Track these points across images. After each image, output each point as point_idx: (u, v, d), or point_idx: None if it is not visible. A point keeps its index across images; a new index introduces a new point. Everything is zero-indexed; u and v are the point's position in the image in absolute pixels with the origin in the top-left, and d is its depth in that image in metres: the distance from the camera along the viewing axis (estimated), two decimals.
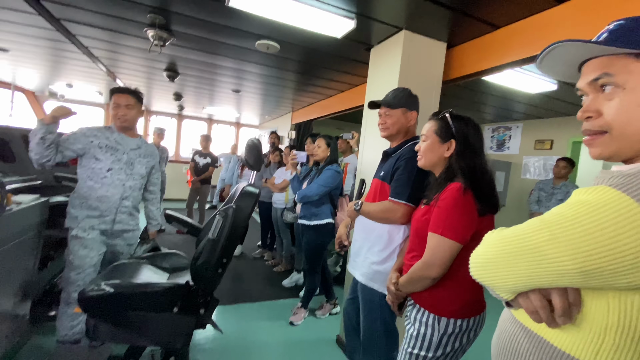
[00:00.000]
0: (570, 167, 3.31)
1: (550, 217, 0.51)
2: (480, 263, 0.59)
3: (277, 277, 3.45)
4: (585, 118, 0.55)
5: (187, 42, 2.58)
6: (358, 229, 1.55)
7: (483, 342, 1.23)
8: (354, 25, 1.89)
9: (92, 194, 1.73)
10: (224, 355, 2.03)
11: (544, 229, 0.50)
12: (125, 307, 1.30)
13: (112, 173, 1.76)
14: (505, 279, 0.54)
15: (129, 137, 1.87)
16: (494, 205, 1.04)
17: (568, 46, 0.54)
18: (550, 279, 0.49)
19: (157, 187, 2.07)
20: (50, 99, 5.88)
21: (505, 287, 0.55)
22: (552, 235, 0.48)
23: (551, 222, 0.50)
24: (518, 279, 0.53)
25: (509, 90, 2.97)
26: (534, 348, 0.55)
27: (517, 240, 0.53)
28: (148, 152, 1.94)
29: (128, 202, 1.83)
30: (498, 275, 0.55)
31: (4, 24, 2.53)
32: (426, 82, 2.00)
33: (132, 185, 1.83)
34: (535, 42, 1.64)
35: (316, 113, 4.60)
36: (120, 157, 1.79)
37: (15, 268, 1.68)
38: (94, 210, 1.73)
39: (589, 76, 0.54)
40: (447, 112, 1.14)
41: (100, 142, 1.75)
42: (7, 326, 1.69)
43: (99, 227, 1.75)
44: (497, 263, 0.55)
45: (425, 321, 1.07)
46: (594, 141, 0.54)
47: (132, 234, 1.91)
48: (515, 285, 0.54)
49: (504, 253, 0.54)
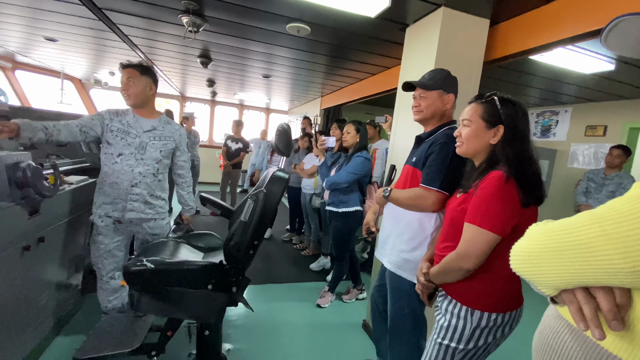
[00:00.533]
0: (626, 156, 3.00)
1: (602, 212, 0.47)
2: (522, 256, 0.57)
3: (304, 260, 3.52)
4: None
5: (219, 27, 2.60)
6: (387, 217, 1.52)
7: (520, 337, 1.18)
8: (389, 3, 1.79)
9: (106, 180, 1.69)
10: (253, 332, 2.12)
11: (595, 224, 0.47)
12: (164, 282, 1.39)
13: (122, 158, 1.68)
14: (548, 275, 0.52)
15: (144, 119, 1.75)
16: (539, 197, 0.96)
17: (633, 20, 0.51)
18: (598, 277, 0.46)
19: (186, 170, 1.94)
20: (95, 87, 6.26)
21: (548, 282, 0.53)
22: (603, 231, 0.45)
23: (603, 217, 0.46)
24: (562, 276, 0.50)
25: (559, 71, 2.72)
26: (579, 347, 0.53)
27: (565, 234, 0.50)
28: (165, 133, 1.78)
29: (139, 190, 1.71)
30: (541, 270, 0.53)
31: (52, 15, 2.69)
32: (466, 63, 1.88)
33: (142, 171, 1.71)
34: (593, 16, 1.47)
35: (346, 97, 4.51)
36: (131, 142, 1.69)
37: (69, 242, 1.85)
38: (107, 197, 1.70)
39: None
40: (494, 95, 1.05)
41: (113, 126, 1.68)
42: (62, 294, 1.88)
43: (112, 214, 1.71)
44: (540, 257, 0.53)
45: (457, 313, 1.04)
46: None
47: (153, 223, 1.81)
48: (559, 282, 0.51)
49: (549, 247, 0.52)
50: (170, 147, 1.81)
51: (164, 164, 1.81)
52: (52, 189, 1.44)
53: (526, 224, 0.95)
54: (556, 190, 4.19)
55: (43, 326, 1.68)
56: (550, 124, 4.39)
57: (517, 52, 1.83)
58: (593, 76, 2.78)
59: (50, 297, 1.72)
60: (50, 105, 5.63)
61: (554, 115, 4.34)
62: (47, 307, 1.71)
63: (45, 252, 1.60)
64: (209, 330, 1.53)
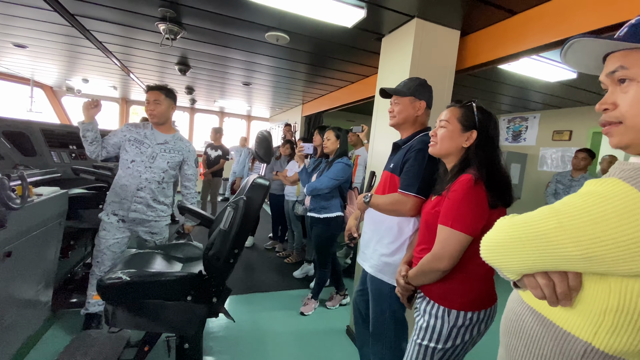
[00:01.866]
0: (590, 159, 3.19)
1: (560, 206, 0.53)
2: (490, 246, 0.63)
3: (287, 268, 3.49)
4: (603, 110, 0.57)
5: (197, 35, 2.59)
6: (367, 221, 1.54)
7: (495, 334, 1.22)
8: (365, 14, 1.86)
9: (118, 182, 1.91)
10: (235, 343, 2.08)
11: (553, 217, 0.53)
12: (141, 295, 1.35)
13: (134, 164, 1.89)
14: (513, 262, 0.58)
15: (160, 133, 1.98)
16: (507, 200, 1.02)
17: (585, 42, 0.56)
18: (554, 263, 0.53)
19: (192, 182, 2.13)
20: (67, 94, 6.04)
21: (513, 269, 0.59)
22: (559, 223, 0.51)
23: (560, 211, 0.52)
24: (525, 262, 0.56)
25: (526, 79, 2.87)
26: (539, 327, 0.59)
27: (527, 226, 0.56)
28: (176, 147, 2.01)
29: (143, 194, 1.91)
30: (506, 258, 0.59)
31: (21, 21, 2.59)
32: (439, 72, 1.96)
33: (148, 177, 1.91)
34: (554, 28, 1.58)
35: (326, 105, 4.57)
36: (144, 151, 1.91)
37: (38, 257, 1.76)
38: (116, 196, 1.90)
39: (608, 69, 0.56)
40: (473, 101, 1.11)
41: (131, 136, 1.91)
42: (30, 313, 1.78)
43: (118, 212, 1.90)
44: (506, 247, 0.59)
45: (435, 313, 1.06)
46: (611, 130, 0.56)
47: (154, 224, 2.00)
48: (522, 268, 0.58)
49: (513, 238, 0.58)
50: (177, 160, 2.02)
51: (169, 174, 2.01)
52: (19, 201, 1.37)
53: (494, 224, 1.00)
54: (528, 191, 4.39)
55: (9, 348, 1.58)
56: (520, 129, 4.61)
57: (486, 62, 1.93)
58: (558, 84, 2.96)
59: (16, 316, 1.62)
60: (18, 113, 5.38)
61: (524, 121, 4.56)
62: (13, 326, 1.61)
63: (12, 267, 1.51)
64: (188, 344, 1.49)
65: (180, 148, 2.03)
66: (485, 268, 1.03)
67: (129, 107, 7.04)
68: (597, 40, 0.54)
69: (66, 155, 2.67)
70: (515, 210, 0.99)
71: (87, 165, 2.64)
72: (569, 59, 0.61)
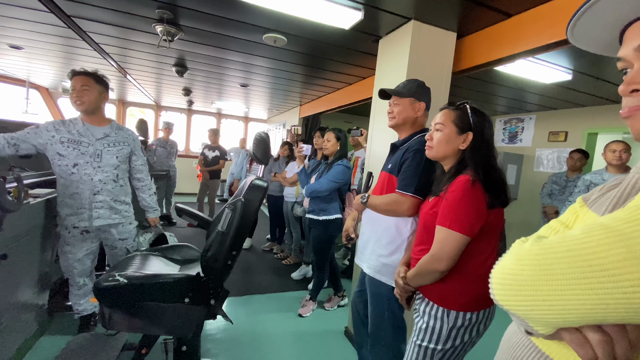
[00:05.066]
0: (585, 159, 3.22)
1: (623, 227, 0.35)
2: (509, 283, 0.42)
3: (286, 269, 3.48)
4: (630, 92, 0.44)
5: (195, 36, 2.59)
6: (365, 222, 1.55)
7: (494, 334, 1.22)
8: (362, 16, 1.86)
9: (65, 192, 1.69)
10: (233, 345, 2.07)
11: (617, 243, 0.34)
12: (138, 297, 1.34)
13: (78, 168, 1.68)
14: (548, 309, 0.38)
15: (95, 126, 1.75)
16: (504, 200, 1.02)
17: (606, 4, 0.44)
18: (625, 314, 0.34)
19: (144, 173, 1.97)
20: (63, 96, 6.00)
21: (547, 319, 0.39)
22: (630, 252, 0.33)
23: (627, 234, 0.34)
24: (571, 310, 0.36)
25: (522, 81, 2.89)
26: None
27: (573, 256, 0.37)
28: (119, 138, 1.80)
29: (102, 197, 1.73)
30: (537, 302, 0.39)
31: (17, 22, 2.58)
32: (436, 74, 1.97)
33: (102, 178, 1.73)
34: (548, 30, 1.59)
35: (324, 106, 4.57)
36: (84, 151, 1.69)
37: (34, 259, 1.74)
38: (69, 208, 1.71)
39: (636, 41, 0.44)
40: (466, 103, 1.11)
41: (62, 137, 1.67)
42: (26, 316, 1.76)
43: (79, 224, 1.73)
44: (538, 285, 0.39)
45: (434, 314, 1.07)
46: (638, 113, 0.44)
47: (122, 228, 1.85)
48: (564, 318, 0.38)
49: (550, 272, 0.38)
50: (126, 152, 1.83)
51: (122, 169, 1.84)
52: (15, 203, 1.36)
53: (492, 224, 1.01)
54: (524, 192, 4.41)
55: (5, 351, 1.56)
56: (516, 130, 4.64)
57: (483, 64, 1.95)
58: (553, 85, 2.98)
59: (12, 319, 1.61)
60: (14, 115, 5.33)
61: (520, 122, 4.60)
62: (9, 330, 1.59)
63: (8, 270, 1.50)
64: (186, 346, 1.48)
65: (124, 138, 1.83)
66: (484, 268, 1.04)
67: (125, 108, 7.00)
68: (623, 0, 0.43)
69: None
70: (511, 211, 1.00)
71: None
72: (579, 32, 0.50)
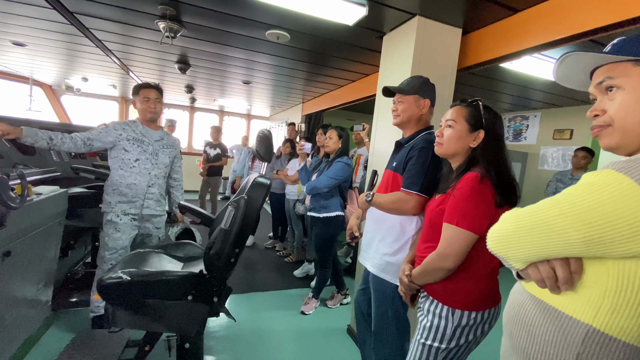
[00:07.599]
0: (590, 157, 3.19)
1: (560, 197, 0.58)
2: (497, 237, 0.66)
3: (288, 267, 3.49)
4: (594, 116, 0.64)
5: (197, 33, 2.58)
6: (369, 221, 1.53)
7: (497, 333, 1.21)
8: (366, 12, 1.84)
9: (123, 182, 1.92)
10: (236, 343, 2.07)
11: (554, 206, 0.57)
12: (141, 294, 1.34)
13: (139, 163, 1.94)
14: (518, 251, 0.62)
15: (153, 130, 2.02)
16: (515, 200, 1.00)
17: (580, 55, 0.63)
18: (558, 249, 0.57)
19: (180, 174, 2.26)
20: (66, 93, 6.02)
21: (518, 257, 0.63)
22: (561, 211, 0.56)
23: (561, 201, 0.57)
24: (530, 250, 0.60)
25: (527, 78, 2.86)
26: (541, 314, 0.63)
27: (531, 216, 0.60)
28: (170, 143, 2.10)
29: (154, 189, 2.00)
30: (512, 247, 0.63)
31: (20, 19, 2.58)
32: (440, 70, 1.95)
33: (157, 173, 2.00)
34: (555, 26, 1.57)
35: (327, 104, 4.55)
36: (146, 149, 1.96)
37: (38, 256, 1.75)
38: (124, 197, 1.92)
39: (596, 80, 0.63)
40: (479, 100, 1.09)
41: (129, 135, 1.92)
42: (30, 312, 1.77)
43: (130, 211, 1.93)
44: (512, 237, 0.63)
45: (438, 313, 1.06)
46: (600, 133, 0.63)
47: (160, 219, 2.10)
48: (527, 256, 0.62)
49: (518, 228, 0.62)
50: (173, 155, 2.13)
51: (169, 169, 2.12)
52: (18, 200, 1.36)
53: None
54: (528, 190, 4.38)
55: (8, 348, 1.57)
56: (521, 128, 4.60)
57: (488, 60, 1.92)
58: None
59: (16, 316, 1.61)
60: (18, 112, 5.35)
61: (525, 119, 4.56)
62: (13, 326, 1.60)
63: (12, 267, 1.50)
64: (189, 343, 1.48)
65: (173, 143, 2.13)
66: (490, 267, 1.02)
67: (128, 105, 7.01)
68: (589, 54, 0.61)
69: (65, 154, 2.65)
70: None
71: (87, 164, 2.63)
72: (560, 72, 0.69)
